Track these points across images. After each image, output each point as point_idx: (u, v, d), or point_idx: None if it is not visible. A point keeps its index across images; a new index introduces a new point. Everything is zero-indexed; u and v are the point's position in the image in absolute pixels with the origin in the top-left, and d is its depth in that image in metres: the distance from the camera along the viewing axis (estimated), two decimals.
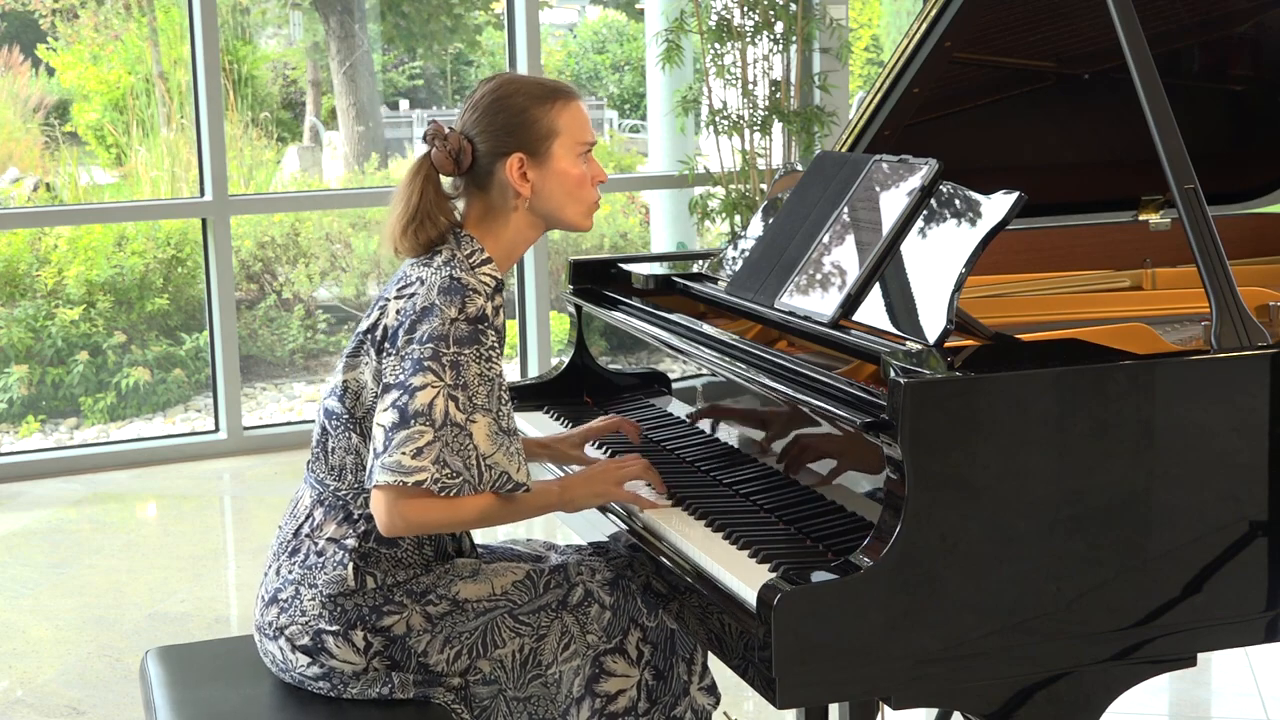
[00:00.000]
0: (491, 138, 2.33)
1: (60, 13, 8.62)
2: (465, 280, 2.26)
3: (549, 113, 2.33)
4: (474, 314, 2.23)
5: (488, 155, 2.33)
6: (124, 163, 8.25)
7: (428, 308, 2.23)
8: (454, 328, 2.21)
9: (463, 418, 2.19)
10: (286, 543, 2.35)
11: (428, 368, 2.19)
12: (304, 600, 2.30)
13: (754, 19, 6.30)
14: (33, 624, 4.25)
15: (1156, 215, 3.18)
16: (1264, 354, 2.12)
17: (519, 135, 2.32)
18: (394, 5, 9.63)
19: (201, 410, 7.25)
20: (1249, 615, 2.13)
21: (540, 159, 2.33)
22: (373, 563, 2.29)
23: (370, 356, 2.28)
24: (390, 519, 2.20)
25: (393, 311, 2.27)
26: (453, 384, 2.19)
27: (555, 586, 2.34)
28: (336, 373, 2.33)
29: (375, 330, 2.29)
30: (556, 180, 2.34)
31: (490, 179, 2.35)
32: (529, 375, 6.11)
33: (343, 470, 2.32)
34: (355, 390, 2.30)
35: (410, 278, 2.30)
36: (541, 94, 2.34)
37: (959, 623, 1.98)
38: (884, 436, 1.97)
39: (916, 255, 2.30)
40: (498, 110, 2.33)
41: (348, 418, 2.30)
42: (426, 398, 2.18)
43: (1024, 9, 2.97)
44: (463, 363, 2.20)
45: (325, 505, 2.33)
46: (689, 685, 2.39)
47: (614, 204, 9.19)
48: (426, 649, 2.28)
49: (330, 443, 2.33)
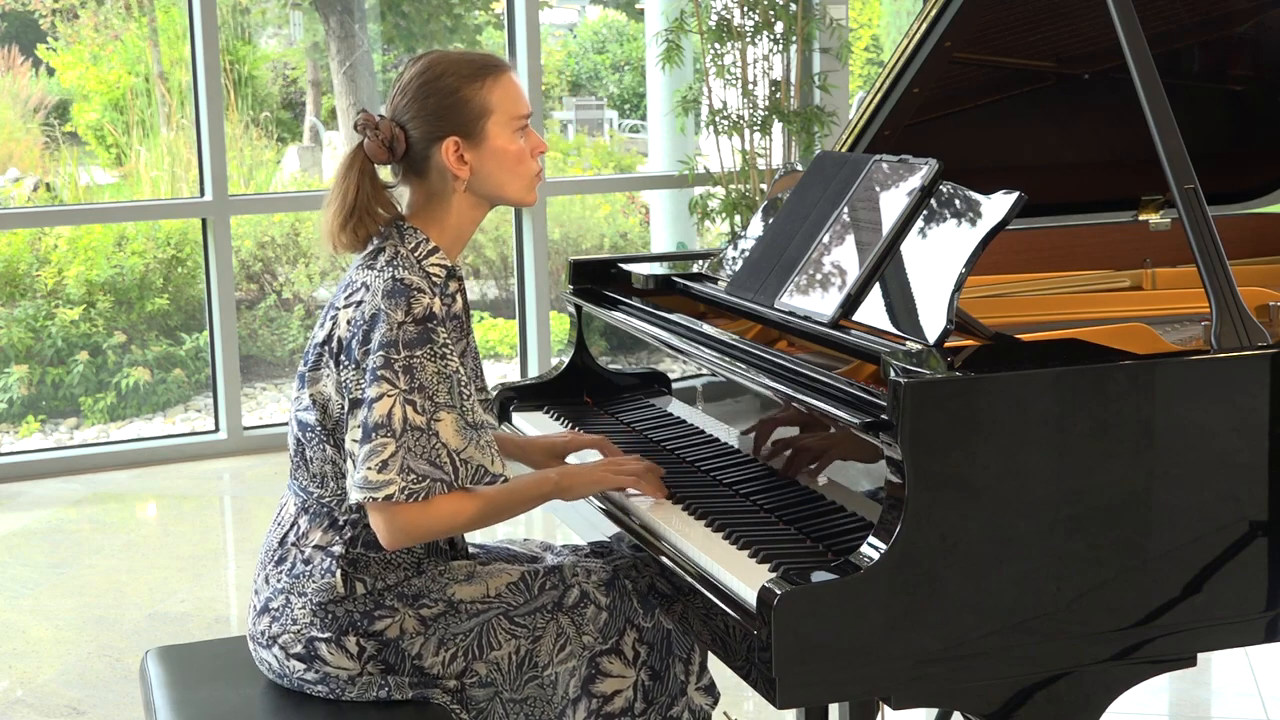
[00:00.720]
0: (424, 123, 2.28)
1: (60, 13, 8.62)
2: (408, 280, 2.21)
3: (480, 91, 2.28)
4: (420, 314, 2.20)
5: (422, 141, 2.29)
6: (124, 163, 8.24)
7: (375, 314, 2.19)
8: (402, 331, 2.18)
9: (424, 420, 2.17)
10: (273, 551, 2.34)
11: (381, 377, 2.16)
12: (295, 609, 2.28)
13: (754, 19, 6.30)
14: (33, 624, 4.25)
15: (1156, 215, 3.18)
16: (1264, 354, 2.12)
17: (451, 118, 2.27)
18: (394, 5, 9.63)
19: (201, 410, 7.25)
20: (1249, 615, 2.13)
21: (476, 139, 2.28)
22: (361, 568, 2.27)
23: (330, 368, 2.25)
24: (391, 535, 2.19)
25: (344, 322, 2.24)
26: (408, 388, 2.16)
27: (551, 588, 2.32)
28: (301, 384, 2.30)
29: (330, 341, 2.26)
30: (495, 159, 2.30)
31: (427, 164, 2.30)
32: (529, 375, 6.10)
33: (324, 478, 2.30)
34: (322, 403, 2.27)
35: (356, 283, 2.27)
36: (471, 72, 2.29)
37: (959, 623, 1.98)
38: (884, 436, 1.97)
39: (916, 255, 2.30)
40: (428, 94, 2.28)
41: (320, 429, 2.28)
42: (384, 408, 2.15)
43: (1024, 9, 2.97)
44: (416, 365, 2.17)
45: (310, 512, 2.32)
46: (686, 685, 2.38)
47: (614, 204, 9.19)
48: (421, 652, 2.26)
49: (308, 452, 2.31)
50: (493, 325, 8.02)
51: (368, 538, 2.27)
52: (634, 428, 2.81)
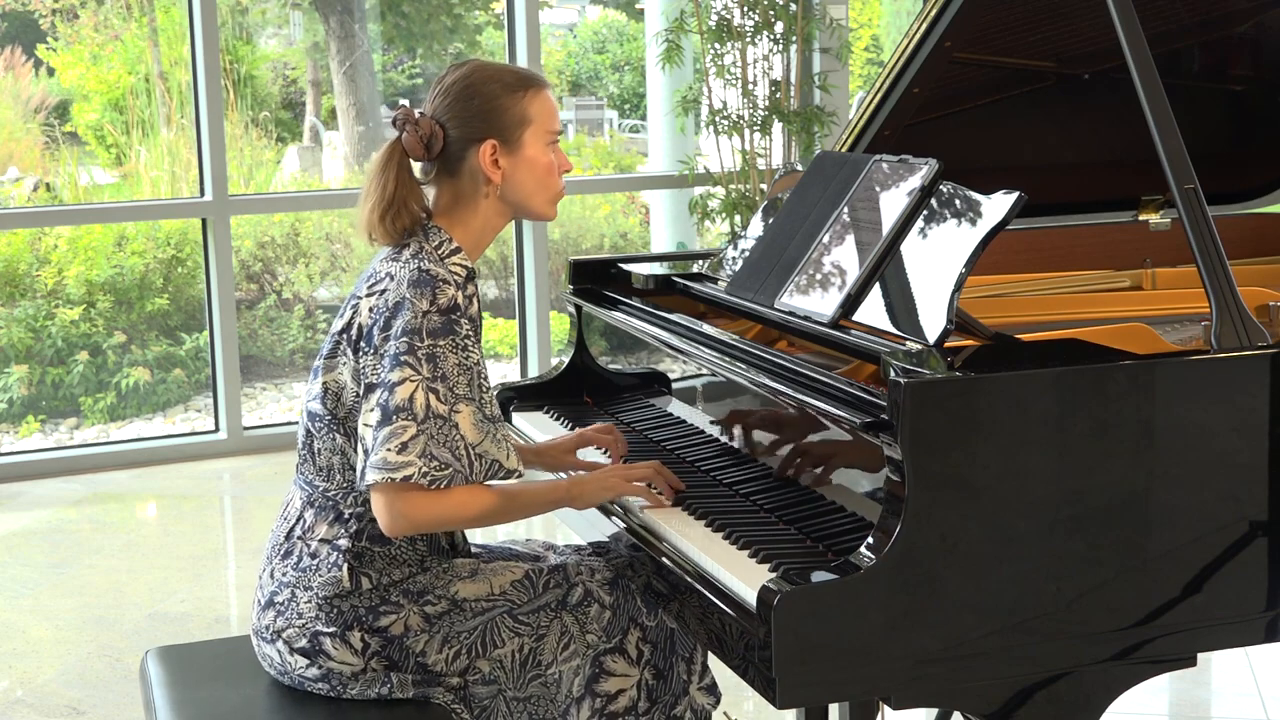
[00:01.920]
0: (464, 124, 2.33)
1: (60, 13, 8.62)
2: (435, 272, 2.25)
3: (521, 101, 2.33)
4: (445, 304, 2.23)
5: (459, 141, 2.33)
6: (124, 163, 8.25)
7: (399, 302, 2.22)
8: (427, 320, 2.21)
9: (445, 409, 2.19)
10: (279, 545, 2.35)
11: (404, 362, 2.18)
12: (300, 603, 2.29)
13: (754, 19, 6.30)
14: (33, 624, 4.25)
15: (1156, 215, 3.18)
16: (1264, 354, 2.12)
17: (492, 122, 2.32)
18: (394, 5, 9.63)
19: (201, 410, 7.25)
20: (1249, 615, 2.13)
21: (512, 146, 2.33)
22: (367, 562, 2.28)
23: (348, 356, 2.28)
24: (392, 519, 2.19)
25: (365, 310, 2.27)
26: (431, 376, 2.19)
27: (554, 586, 2.33)
28: (315, 375, 2.32)
29: (350, 329, 2.28)
30: (527, 168, 2.34)
31: (461, 165, 2.34)
32: (529, 375, 6.10)
33: (330, 471, 2.31)
34: (335, 391, 2.29)
35: (380, 274, 2.30)
36: (514, 82, 2.35)
37: (959, 623, 1.98)
38: (884, 436, 1.97)
39: (916, 255, 2.30)
40: (471, 96, 2.33)
41: (330, 419, 2.29)
42: (406, 392, 2.17)
43: (1024, 9, 2.97)
44: (439, 354, 2.20)
45: (316, 506, 2.33)
46: (689, 685, 2.39)
47: (614, 204, 9.19)
48: (425, 649, 2.27)
49: (316, 444, 2.32)
50: (493, 325, 8.02)
51: (373, 531, 2.28)
52: (634, 428, 2.82)
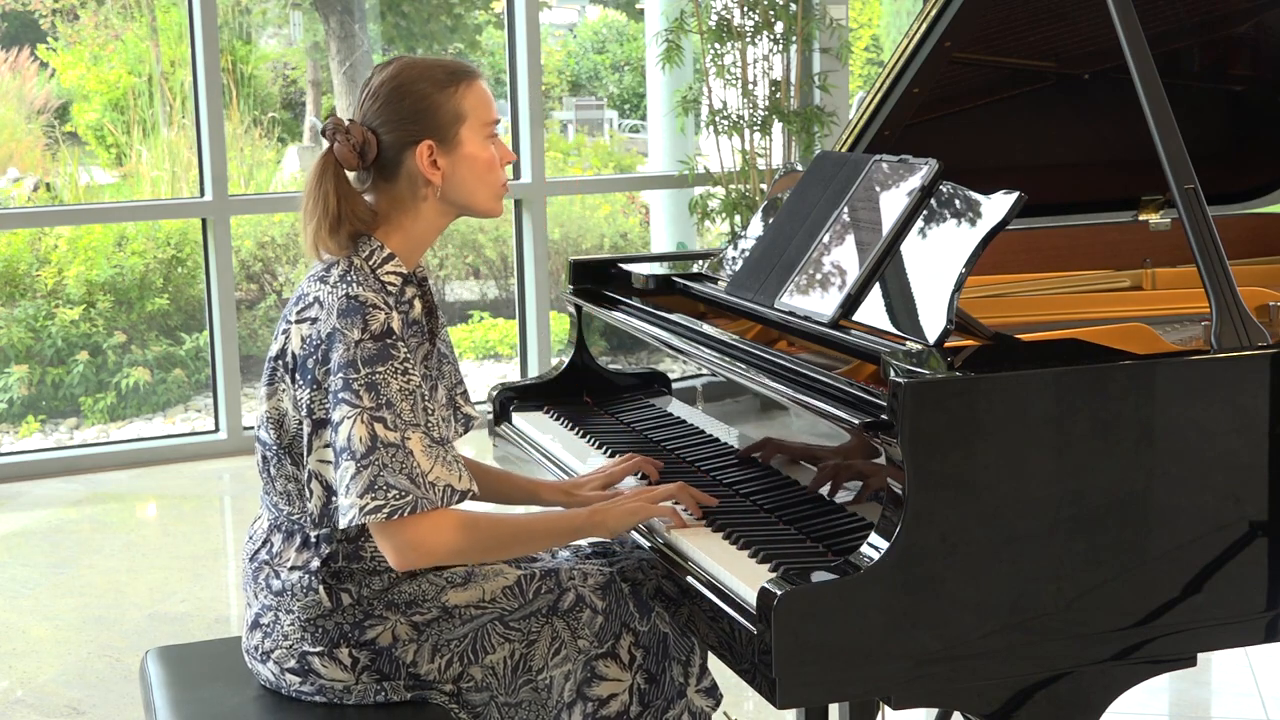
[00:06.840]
0: (397, 126, 2.25)
1: (60, 13, 8.62)
2: (363, 297, 2.17)
3: (454, 96, 2.26)
4: (378, 330, 2.16)
5: (394, 145, 2.26)
6: (124, 163, 8.25)
7: (331, 334, 2.16)
8: (360, 350, 2.14)
9: (397, 436, 2.13)
10: (250, 567, 2.33)
11: (343, 400, 2.13)
12: (284, 625, 2.26)
13: (754, 19, 6.30)
14: (33, 624, 4.25)
15: (1156, 215, 3.18)
16: (1264, 354, 2.12)
17: (425, 121, 2.25)
18: (394, 5, 9.64)
19: (201, 410, 7.26)
20: (1249, 615, 2.13)
21: (449, 145, 2.26)
22: (344, 578, 2.25)
23: (285, 384, 2.23)
24: (400, 555, 2.15)
25: (296, 338, 2.21)
26: (374, 405, 2.12)
27: (546, 592, 2.31)
28: (260, 402, 2.28)
29: (284, 356, 2.23)
30: (467, 165, 2.27)
31: (398, 170, 2.27)
32: (529, 375, 6.10)
33: (290, 496, 2.27)
34: (277, 419, 2.24)
35: (309, 297, 2.23)
36: (444, 77, 2.27)
37: (959, 623, 1.98)
38: (884, 436, 1.97)
39: (916, 255, 2.30)
40: (401, 97, 2.25)
41: (278, 447, 2.26)
42: (351, 429, 2.12)
43: (1024, 9, 2.97)
44: (379, 381, 2.13)
45: (282, 531, 2.29)
46: (685, 688, 2.37)
47: (614, 204, 9.19)
48: (415, 658, 2.25)
49: (272, 470, 2.29)
50: (493, 325, 8.02)
51: (346, 550, 2.24)
52: (634, 428, 2.81)
